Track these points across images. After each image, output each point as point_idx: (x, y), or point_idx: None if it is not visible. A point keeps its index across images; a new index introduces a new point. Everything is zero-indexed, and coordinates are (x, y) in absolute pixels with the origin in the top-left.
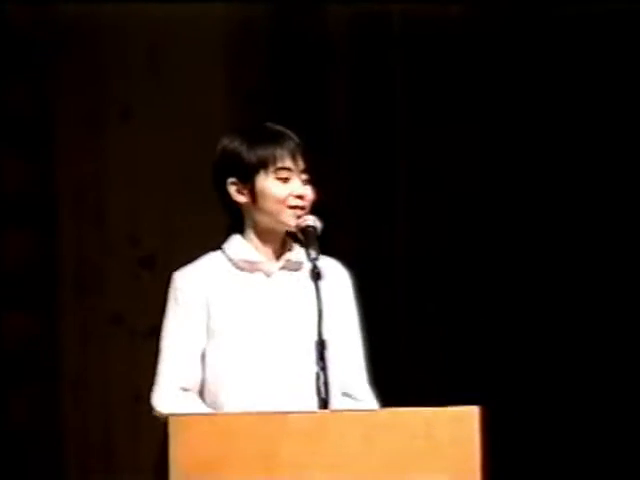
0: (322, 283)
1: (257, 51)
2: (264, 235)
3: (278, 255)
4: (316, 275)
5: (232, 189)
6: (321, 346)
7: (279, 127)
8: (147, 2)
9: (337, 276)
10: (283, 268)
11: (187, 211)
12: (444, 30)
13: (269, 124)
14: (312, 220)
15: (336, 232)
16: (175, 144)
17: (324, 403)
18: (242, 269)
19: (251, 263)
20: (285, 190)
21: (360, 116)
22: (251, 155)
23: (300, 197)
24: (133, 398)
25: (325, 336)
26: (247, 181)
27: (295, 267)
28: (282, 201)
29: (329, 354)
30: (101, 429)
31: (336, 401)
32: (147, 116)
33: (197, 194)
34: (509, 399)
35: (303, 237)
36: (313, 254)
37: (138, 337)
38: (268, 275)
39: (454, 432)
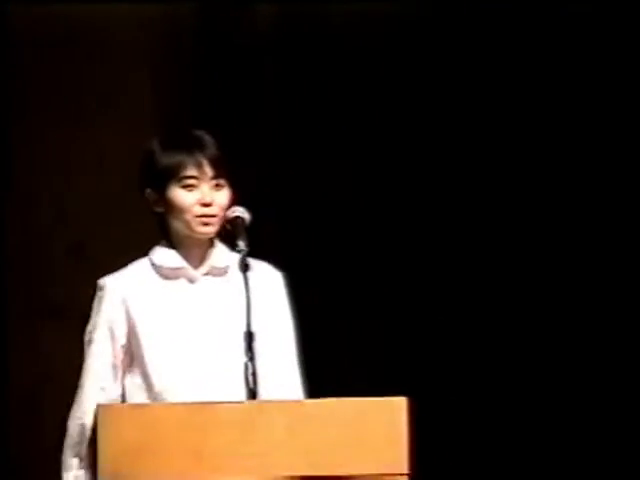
0: (253, 284)
1: (183, 50)
2: (186, 242)
3: (203, 260)
4: (244, 267)
5: (150, 200)
6: (249, 337)
7: (193, 133)
8: (71, 2)
9: (269, 277)
10: (207, 274)
11: (118, 206)
12: (368, 29)
13: (186, 129)
14: (241, 211)
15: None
16: (104, 141)
17: (252, 394)
18: (166, 276)
19: (174, 270)
20: (192, 198)
21: (289, 114)
22: (159, 166)
23: (207, 205)
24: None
25: (254, 329)
26: (159, 191)
27: (220, 273)
28: (188, 210)
29: (260, 348)
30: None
31: (272, 393)
32: (74, 113)
33: (122, 191)
34: (436, 391)
35: (231, 228)
36: (241, 245)
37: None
38: (192, 281)
39: (381, 423)
